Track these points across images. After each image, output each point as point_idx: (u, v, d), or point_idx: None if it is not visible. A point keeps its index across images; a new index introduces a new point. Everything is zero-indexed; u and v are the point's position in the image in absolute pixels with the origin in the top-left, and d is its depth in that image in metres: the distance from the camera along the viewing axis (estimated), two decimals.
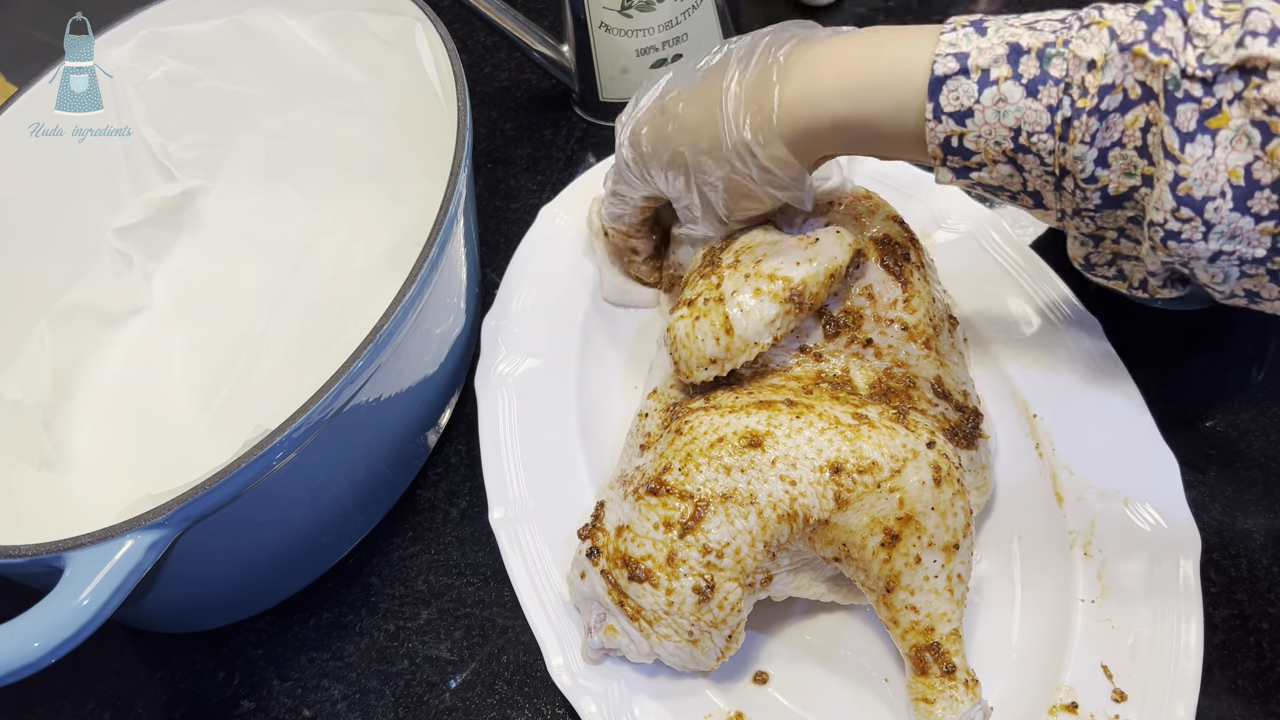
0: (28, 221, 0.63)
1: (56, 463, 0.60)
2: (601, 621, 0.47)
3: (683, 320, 0.50)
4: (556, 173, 0.77)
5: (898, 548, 0.45)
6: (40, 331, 0.63)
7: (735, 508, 0.45)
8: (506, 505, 0.54)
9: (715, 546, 0.45)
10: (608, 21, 0.72)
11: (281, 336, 0.66)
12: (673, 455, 0.47)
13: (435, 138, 0.59)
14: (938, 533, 0.45)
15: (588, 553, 0.47)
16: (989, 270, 0.61)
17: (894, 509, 0.44)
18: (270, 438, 0.44)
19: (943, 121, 0.41)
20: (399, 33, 0.64)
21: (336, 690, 0.54)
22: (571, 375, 0.60)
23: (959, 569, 0.46)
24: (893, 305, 0.51)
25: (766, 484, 0.45)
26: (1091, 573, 0.50)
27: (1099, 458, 0.53)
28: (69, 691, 0.55)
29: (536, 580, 0.52)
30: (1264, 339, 0.61)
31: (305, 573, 0.56)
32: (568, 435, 0.57)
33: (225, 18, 0.69)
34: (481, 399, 0.58)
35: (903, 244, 0.53)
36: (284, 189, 0.74)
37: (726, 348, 0.49)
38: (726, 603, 0.45)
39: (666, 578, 0.45)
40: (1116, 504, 0.52)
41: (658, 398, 0.53)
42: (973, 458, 0.51)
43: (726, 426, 0.47)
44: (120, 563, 0.41)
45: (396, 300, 0.48)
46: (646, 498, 0.46)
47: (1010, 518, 0.54)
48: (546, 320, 0.62)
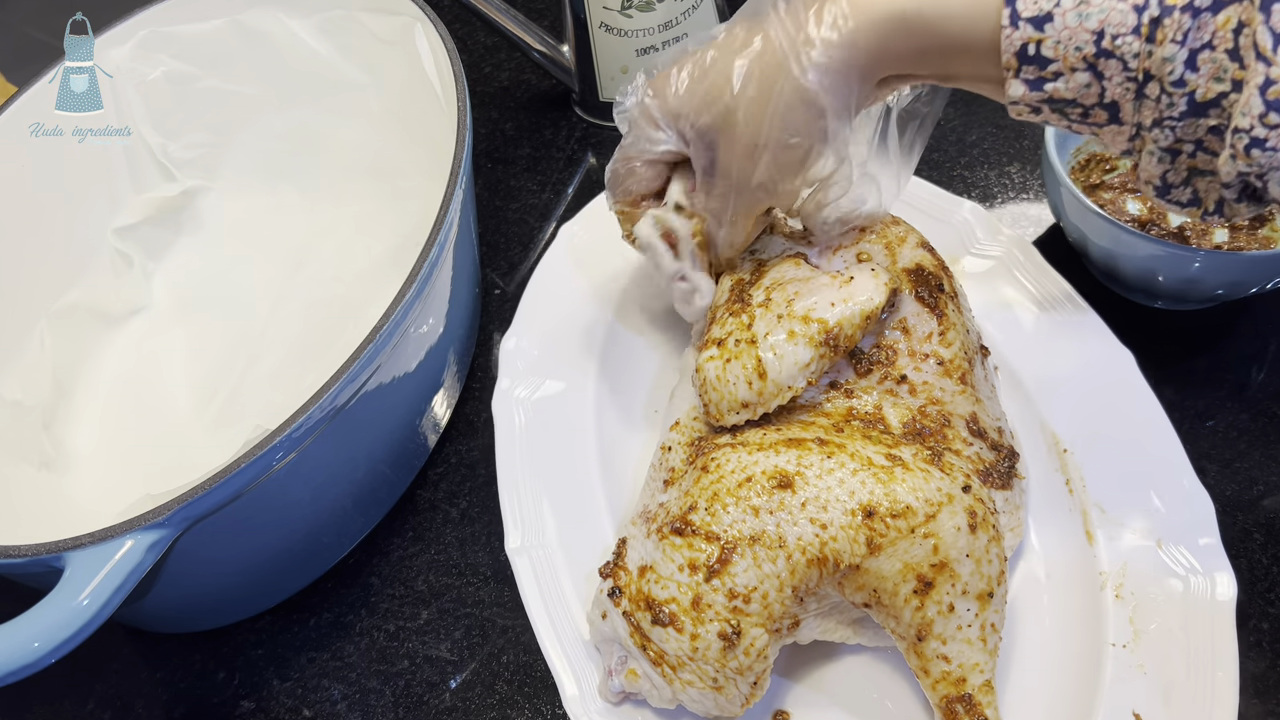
0: (28, 221, 0.63)
1: (56, 463, 0.60)
2: (623, 664, 0.46)
3: (713, 362, 0.49)
4: (556, 173, 0.77)
5: (930, 595, 0.43)
6: (40, 331, 0.63)
7: (763, 551, 0.43)
8: (523, 533, 0.53)
9: (742, 591, 0.43)
10: (608, 21, 0.72)
11: (281, 336, 0.66)
12: (698, 494, 0.45)
13: (435, 138, 0.59)
14: (972, 581, 0.43)
15: (609, 592, 0.46)
16: (1018, 298, 0.59)
17: (927, 555, 0.43)
18: (270, 438, 0.44)
19: (1019, 27, 0.38)
20: (399, 33, 0.64)
21: (336, 690, 0.53)
22: (590, 399, 0.58)
23: (992, 618, 0.44)
24: (927, 339, 0.50)
25: (796, 526, 0.43)
26: (1123, 616, 0.48)
27: (1131, 496, 0.52)
28: (69, 691, 0.55)
29: (553, 612, 0.50)
30: (1264, 339, 0.61)
31: (305, 573, 0.56)
32: (586, 462, 0.56)
33: (225, 18, 0.69)
34: (499, 422, 0.56)
35: (935, 274, 0.51)
36: (284, 189, 0.74)
37: (759, 392, 0.47)
38: (753, 649, 0.43)
39: (691, 622, 0.43)
40: (1149, 545, 0.50)
41: (680, 430, 0.52)
42: (1007, 498, 0.50)
43: (755, 465, 0.45)
44: (120, 563, 0.41)
45: (396, 300, 0.48)
46: (671, 538, 0.45)
47: (1039, 556, 0.52)
48: (566, 342, 0.60)
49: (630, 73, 0.75)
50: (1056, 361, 0.57)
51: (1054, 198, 0.61)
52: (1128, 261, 0.57)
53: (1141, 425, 0.54)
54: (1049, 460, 0.54)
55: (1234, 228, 0.62)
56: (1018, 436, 0.54)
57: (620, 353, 0.61)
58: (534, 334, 0.60)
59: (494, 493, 0.60)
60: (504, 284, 0.70)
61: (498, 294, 0.70)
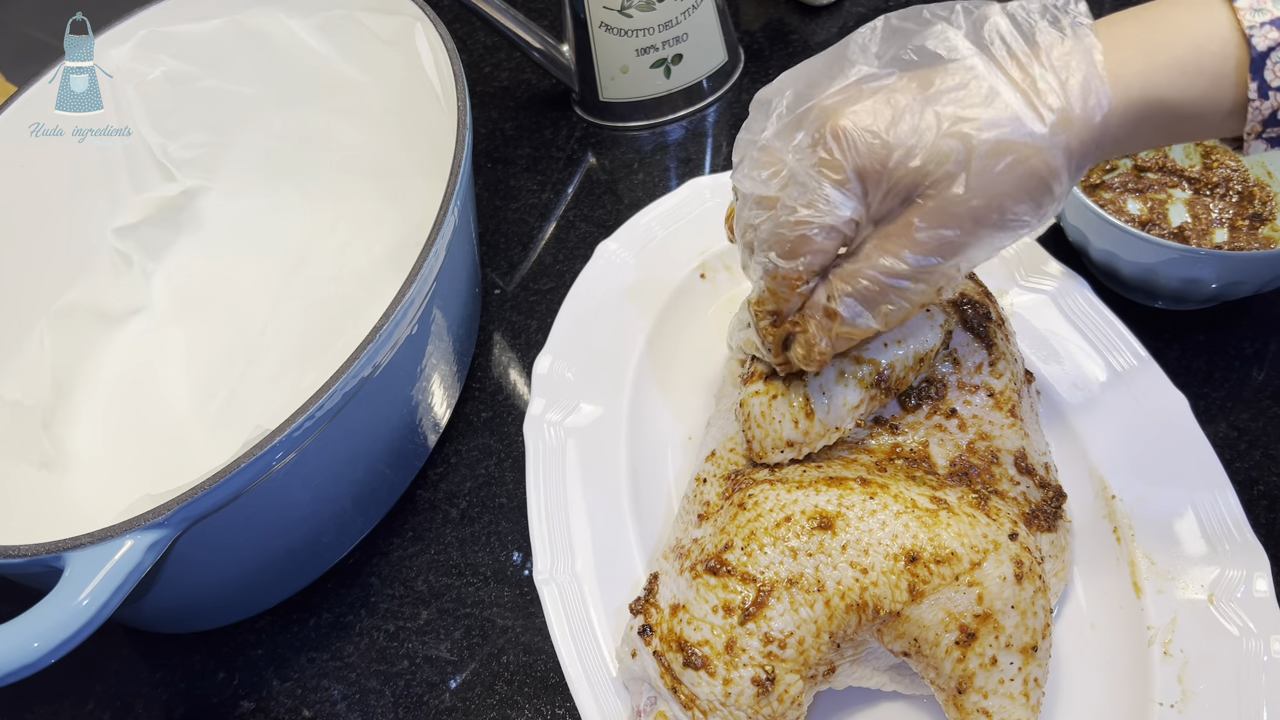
0: (28, 221, 0.63)
1: (56, 463, 0.60)
2: (652, 705, 0.44)
3: (758, 397, 0.47)
4: (556, 173, 0.77)
5: (973, 647, 0.41)
6: (40, 331, 0.63)
7: (801, 595, 0.42)
8: (552, 561, 0.51)
9: (778, 636, 0.42)
10: (608, 21, 0.72)
11: (281, 336, 0.66)
12: (735, 532, 0.44)
13: (435, 138, 0.59)
14: (1016, 633, 0.41)
15: (640, 630, 0.45)
16: (1068, 334, 0.57)
17: (971, 605, 0.41)
18: (270, 438, 0.44)
19: (1270, 97, 0.37)
20: (399, 33, 0.64)
21: (336, 690, 0.53)
22: (624, 425, 0.56)
23: (1036, 672, 0.42)
24: (978, 370, 0.48)
25: (835, 570, 0.42)
26: (1171, 674, 0.46)
27: (1183, 548, 0.49)
28: (69, 691, 0.55)
29: (581, 646, 0.49)
30: (1264, 339, 0.61)
31: (305, 573, 0.56)
32: (618, 489, 0.54)
33: (225, 18, 0.69)
34: (530, 447, 0.55)
35: (981, 301, 0.50)
36: (284, 189, 0.74)
37: (805, 431, 0.46)
38: (787, 696, 0.42)
39: (724, 666, 0.42)
40: (1201, 600, 0.47)
41: (716, 462, 0.50)
42: (1053, 540, 0.48)
43: (794, 505, 0.44)
44: (120, 563, 0.41)
45: (396, 300, 0.48)
46: (705, 576, 0.44)
47: (1084, 606, 0.50)
48: (600, 365, 0.59)
49: (630, 72, 0.75)
50: (1107, 404, 0.55)
51: None
52: (1128, 262, 0.57)
53: (1195, 474, 0.51)
54: (1096, 506, 0.52)
55: (1234, 227, 0.62)
56: (1064, 480, 0.52)
57: (655, 376, 0.60)
58: (568, 356, 0.59)
59: (494, 493, 0.60)
60: (504, 284, 0.70)
61: (498, 294, 0.70)
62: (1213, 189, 0.64)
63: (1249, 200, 0.63)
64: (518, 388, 0.65)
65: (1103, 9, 0.40)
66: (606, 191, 0.75)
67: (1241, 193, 0.63)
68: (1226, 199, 0.64)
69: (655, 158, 0.77)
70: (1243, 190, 0.63)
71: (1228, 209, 0.63)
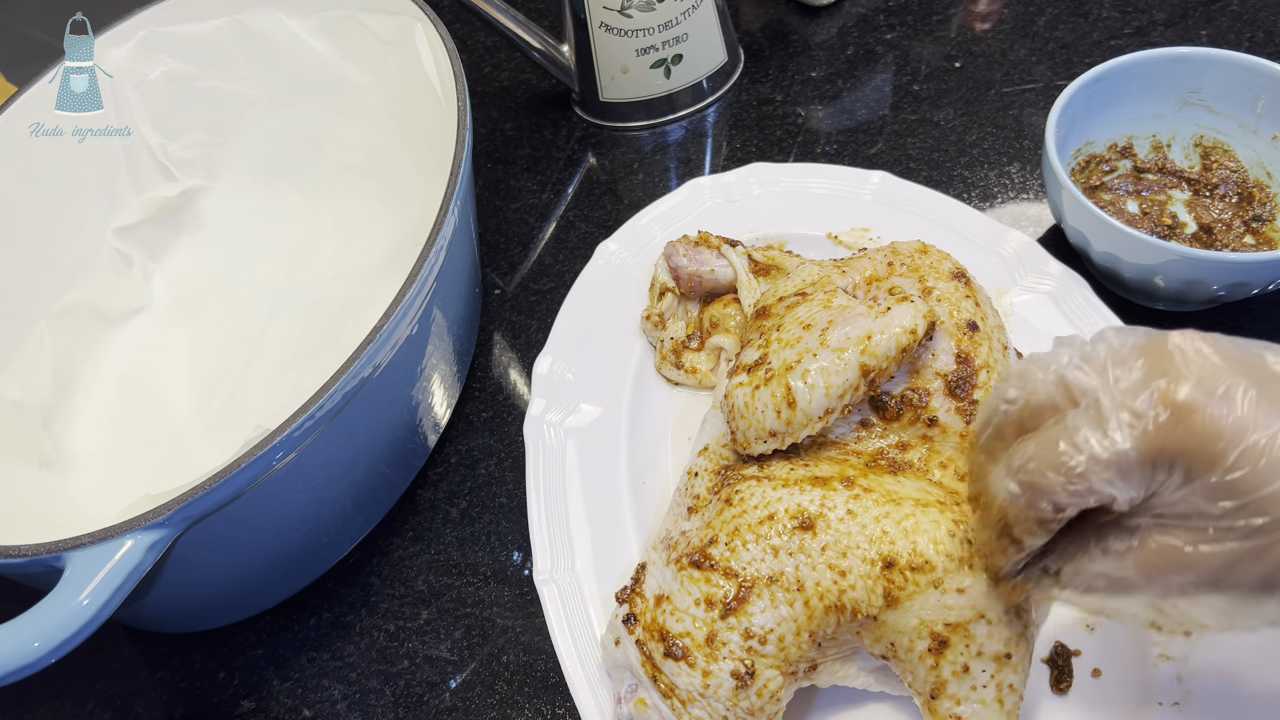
0: (28, 221, 0.64)
1: (56, 463, 0.60)
2: (633, 693, 0.45)
3: (741, 388, 0.47)
4: (556, 173, 0.77)
5: (945, 655, 0.41)
6: (40, 331, 0.63)
7: (781, 593, 0.42)
8: (552, 562, 0.52)
9: (758, 632, 0.42)
10: (608, 21, 0.72)
11: (281, 336, 0.66)
12: (720, 527, 0.45)
13: (435, 138, 0.59)
14: (988, 642, 0.41)
15: (624, 619, 0.45)
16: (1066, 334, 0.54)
17: (944, 613, 0.41)
18: (270, 438, 0.44)
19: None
20: (399, 33, 0.64)
21: (336, 690, 0.53)
22: (624, 425, 0.57)
23: (1011, 679, 0.42)
24: (962, 381, 0.48)
25: (815, 571, 0.42)
26: (1171, 674, 0.46)
27: None
28: (69, 691, 0.55)
29: (580, 646, 0.49)
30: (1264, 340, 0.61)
31: (305, 573, 0.56)
32: (618, 489, 0.55)
33: (225, 18, 0.69)
34: (530, 448, 0.56)
35: (969, 307, 0.50)
36: (284, 189, 0.74)
37: (788, 421, 0.46)
38: (766, 690, 0.42)
39: (704, 659, 0.42)
40: None
41: (708, 456, 0.51)
42: None
43: (779, 503, 0.44)
44: (120, 563, 0.41)
45: (396, 300, 0.48)
46: (689, 569, 0.44)
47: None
48: (599, 366, 0.59)
49: (630, 73, 0.75)
50: None
51: (1054, 199, 0.61)
52: (1128, 263, 0.57)
53: None
54: None
55: (1233, 228, 0.62)
56: None
57: (655, 376, 0.60)
58: (568, 356, 0.59)
59: (494, 493, 0.60)
60: (504, 284, 0.70)
61: (498, 294, 0.70)
62: (1212, 190, 0.64)
63: (1249, 201, 0.63)
64: (518, 388, 0.65)
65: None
66: (606, 192, 0.75)
67: (1241, 193, 0.63)
68: (1226, 200, 0.64)
69: (655, 158, 0.77)
70: (1242, 191, 0.63)
71: (1227, 210, 0.63)
